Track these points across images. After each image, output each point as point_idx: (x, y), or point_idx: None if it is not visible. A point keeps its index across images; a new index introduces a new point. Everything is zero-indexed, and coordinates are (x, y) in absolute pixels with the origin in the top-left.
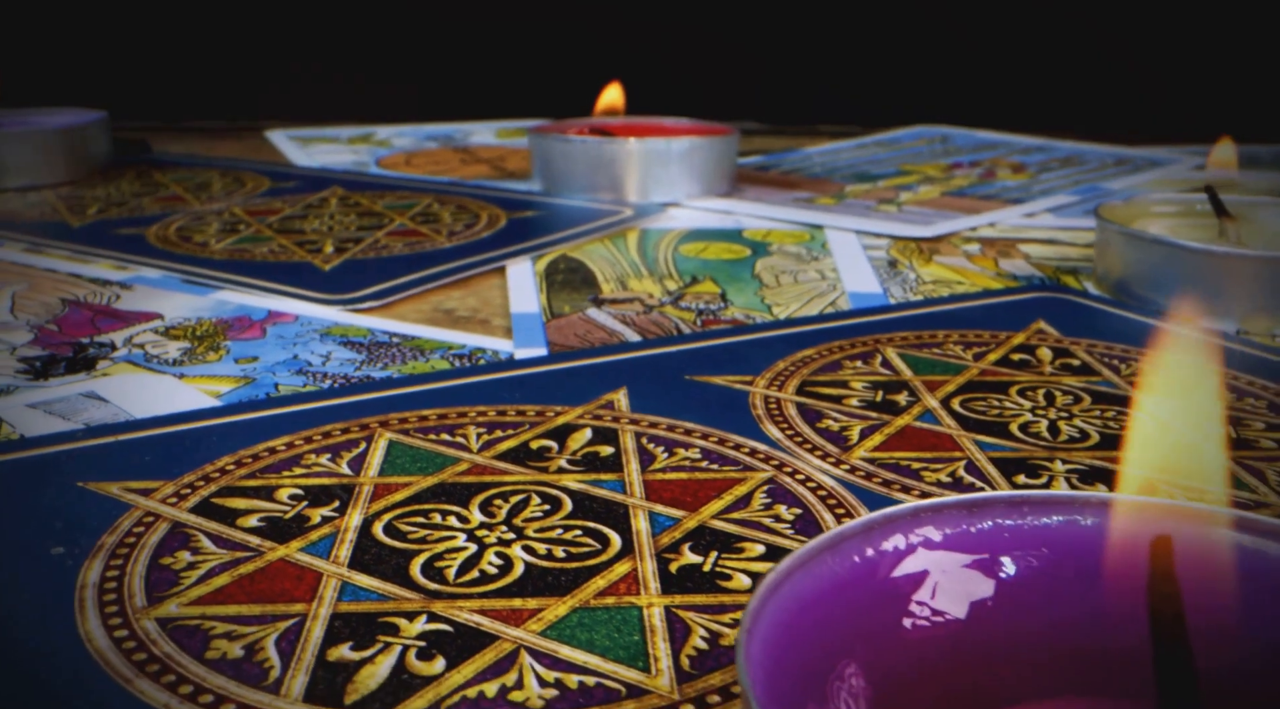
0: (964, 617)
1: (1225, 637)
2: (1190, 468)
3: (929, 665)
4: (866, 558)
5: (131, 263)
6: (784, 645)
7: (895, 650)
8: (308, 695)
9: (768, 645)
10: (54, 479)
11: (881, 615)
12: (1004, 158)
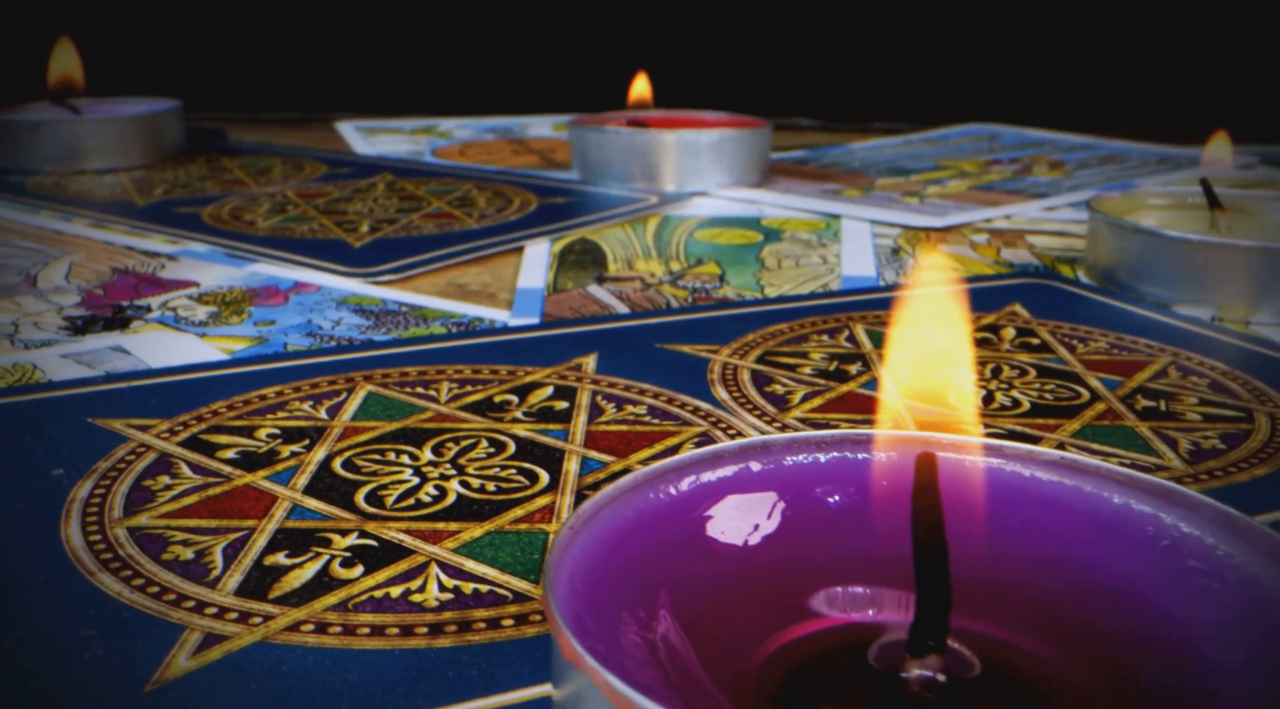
0: (757, 544)
1: (977, 544)
2: (944, 399)
3: (731, 591)
4: (671, 496)
5: (182, 237)
6: (594, 576)
7: (701, 579)
8: (238, 590)
9: (576, 576)
10: (67, 415)
11: (686, 547)
12: (1046, 155)
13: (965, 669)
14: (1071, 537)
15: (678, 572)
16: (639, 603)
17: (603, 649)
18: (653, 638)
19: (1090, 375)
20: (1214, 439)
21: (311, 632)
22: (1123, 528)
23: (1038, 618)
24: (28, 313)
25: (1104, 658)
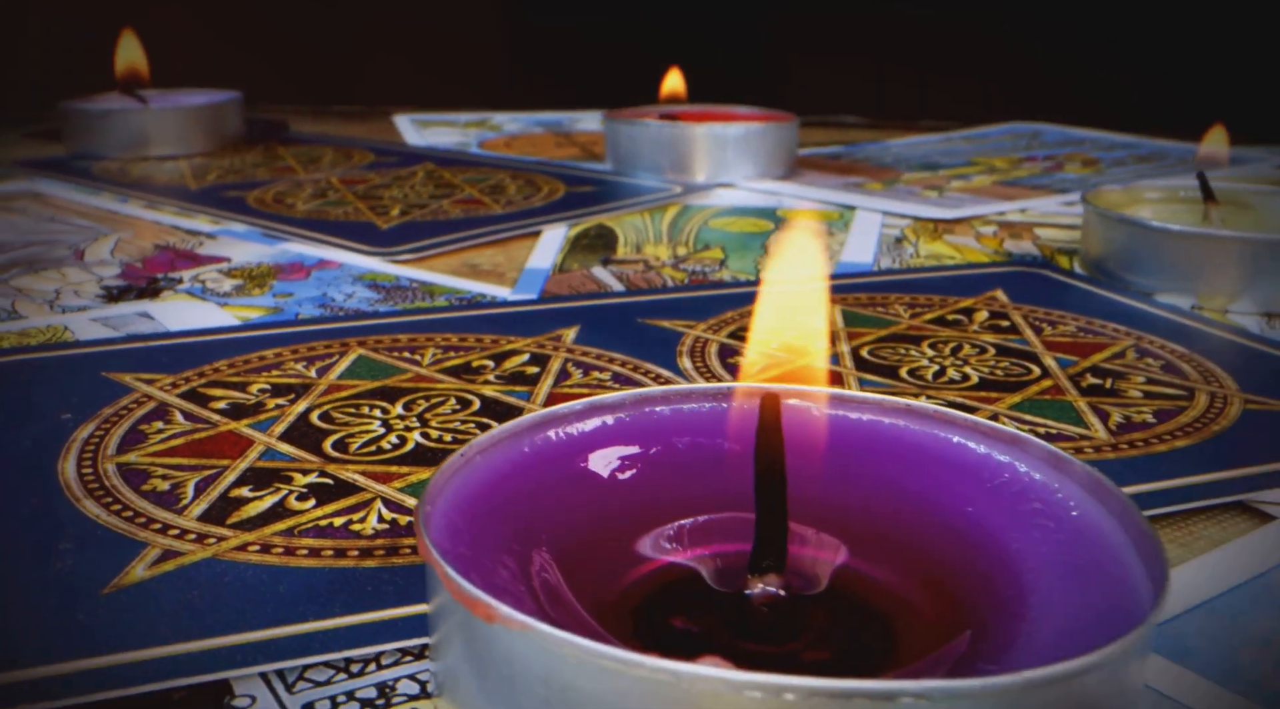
0: (626, 484)
1: (825, 481)
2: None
3: (600, 526)
4: (549, 441)
5: (224, 218)
6: (470, 509)
7: (572, 516)
8: (201, 517)
9: (450, 517)
10: (85, 369)
11: (560, 488)
12: (1083, 153)
13: (808, 587)
14: (914, 474)
15: (551, 509)
16: (513, 536)
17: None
18: (525, 565)
19: (1048, 355)
20: (1147, 414)
21: (256, 551)
22: (962, 466)
23: (880, 546)
24: (70, 282)
25: (936, 579)
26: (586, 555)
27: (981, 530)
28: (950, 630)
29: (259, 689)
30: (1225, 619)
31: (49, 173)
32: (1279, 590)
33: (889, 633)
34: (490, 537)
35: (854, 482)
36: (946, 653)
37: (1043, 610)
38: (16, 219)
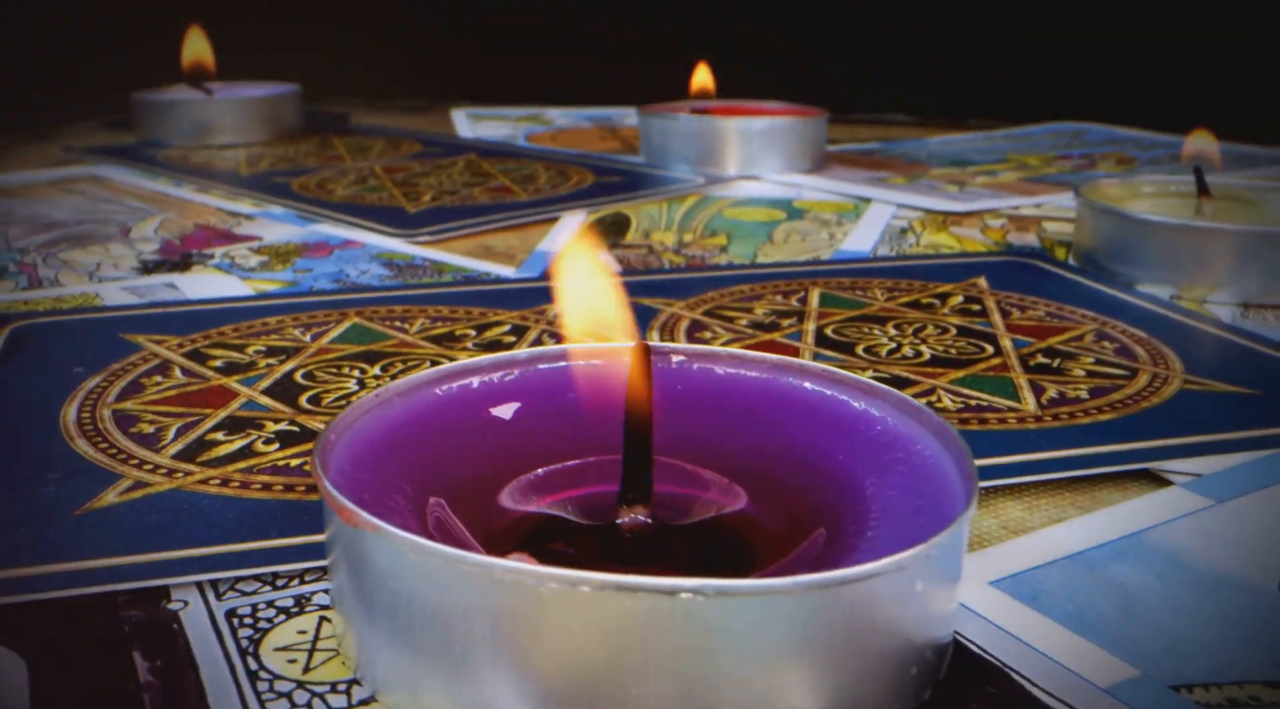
0: (514, 432)
1: (697, 424)
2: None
3: (488, 470)
4: (439, 395)
5: (266, 201)
6: (365, 453)
7: (462, 461)
8: (175, 455)
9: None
10: (105, 330)
11: (451, 435)
12: (1122, 152)
13: (675, 518)
14: (779, 420)
15: (449, 453)
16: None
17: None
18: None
19: (1006, 337)
20: (1082, 391)
21: (216, 485)
22: (820, 410)
23: (744, 484)
24: (112, 256)
25: (793, 509)
26: (478, 494)
27: (837, 466)
28: (803, 553)
29: (193, 596)
30: (1088, 570)
31: (115, 159)
32: (1148, 547)
33: (748, 556)
34: (390, 471)
35: (726, 429)
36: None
37: (883, 531)
38: (75, 199)
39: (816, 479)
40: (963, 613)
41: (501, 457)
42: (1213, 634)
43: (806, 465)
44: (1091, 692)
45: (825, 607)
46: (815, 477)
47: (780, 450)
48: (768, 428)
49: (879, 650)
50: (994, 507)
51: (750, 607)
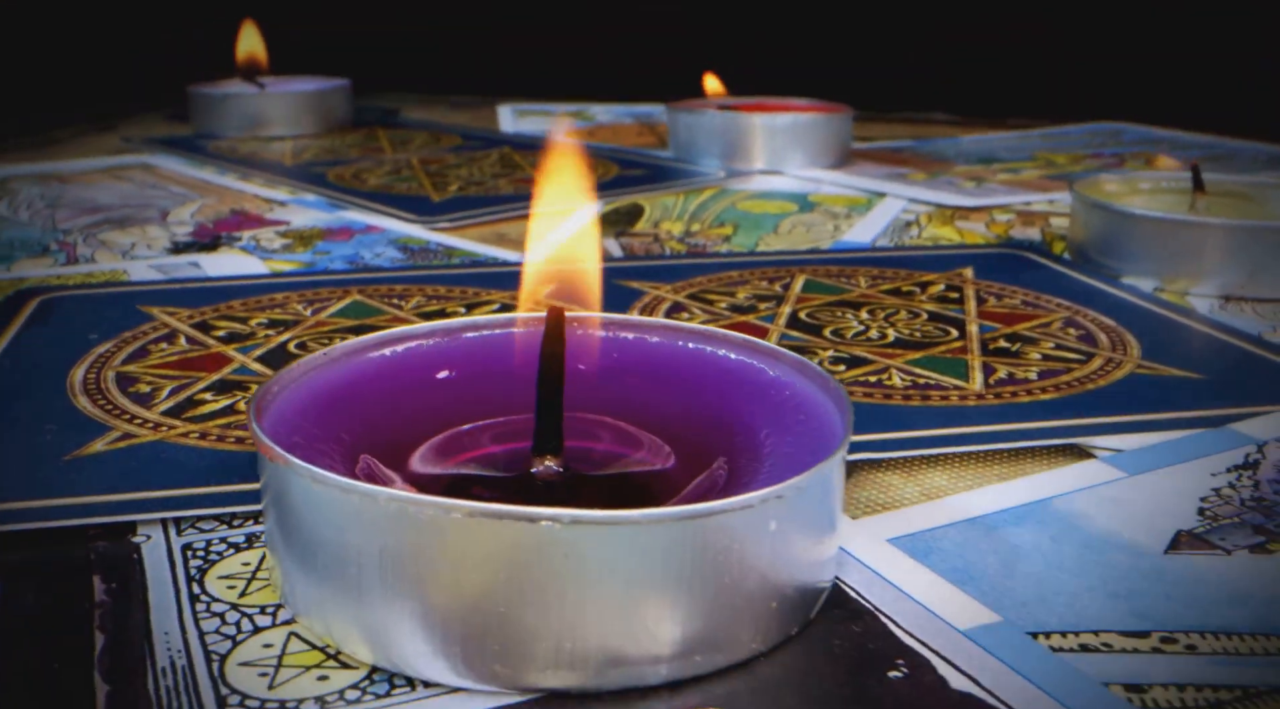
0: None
1: (610, 385)
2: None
3: (415, 428)
4: (383, 358)
5: (301, 189)
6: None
7: (392, 419)
8: (164, 412)
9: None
10: (125, 303)
11: (382, 396)
12: (1156, 152)
13: (588, 468)
14: (681, 378)
15: (380, 414)
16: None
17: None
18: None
19: (974, 323)
20: (1032, 372)
21: (195, 438)
22: (738, 376)
23: (652, 433)
24: (147, 237)
25: (704, 463)
26: (406, 448)
27: (744, 425)
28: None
29: (156, 532)
30: (985, 532)
31: (169, 148)
32: (1050, 513)
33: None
34: (331, 424)
35: (653, 393)
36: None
37: (770, 480)
38: (123, 186)
39: (727, 436)
40: (851, 563)
41: (435, 416)
42: (1084, 589)
43: (719, 424)
44: (950, 634)
45: (677, 539)
46: (726, 434)
47: (697, 411)
48: (689, 391)
49: (732, 583)
50: (918, 475)
51: (604, 535)
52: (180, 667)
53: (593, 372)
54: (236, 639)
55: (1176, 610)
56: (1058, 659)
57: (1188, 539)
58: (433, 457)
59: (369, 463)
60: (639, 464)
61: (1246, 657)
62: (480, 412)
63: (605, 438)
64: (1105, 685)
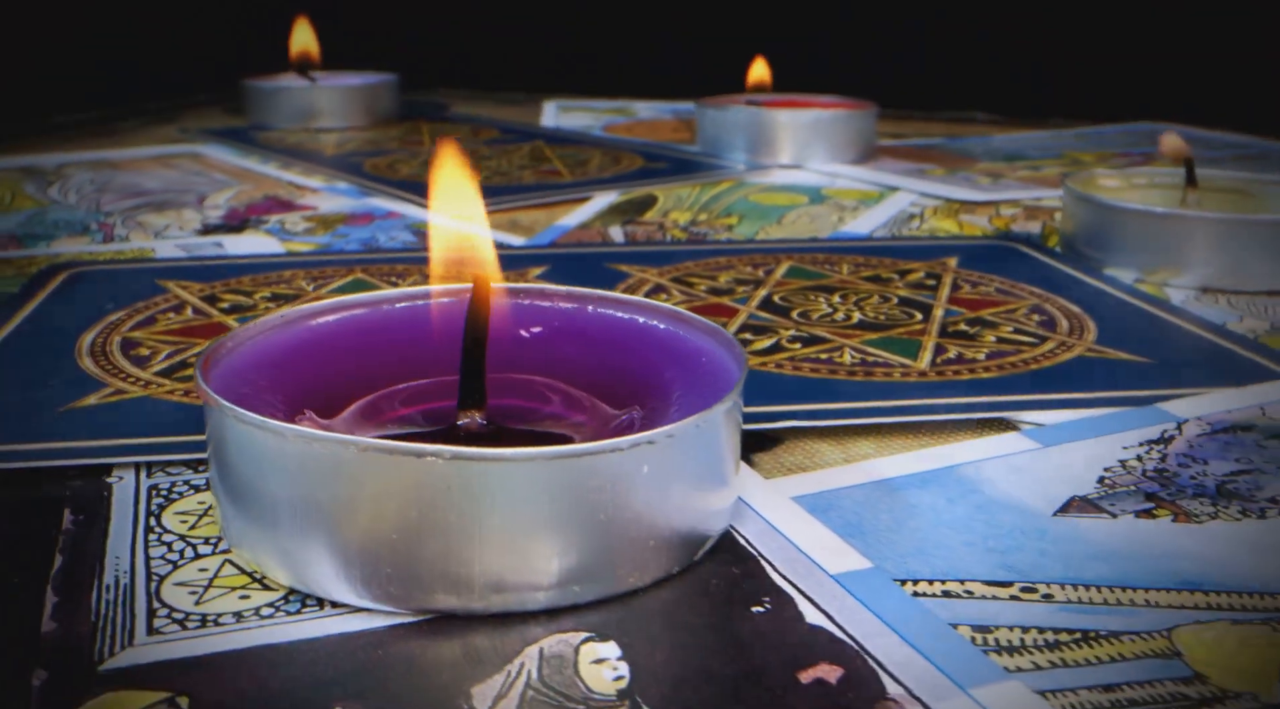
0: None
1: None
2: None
3: (351, 388)
4: (312, 326)
5: (336, 177)
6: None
7: (330, 381)
8: (157, 373)
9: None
10: (143, 277)
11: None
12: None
13: (511, 421)
14: (602, 341)
15: (318, 373)
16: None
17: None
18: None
19: (940, 307)
20: (980, 354)
21: (180, 395)
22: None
23: (575, 388)
24: (181, 220)
25: (613, 411)
26: (345, 405)
27: (662, 382)
28: None
29: (129, 474)
30: (888, 493)
31: (221, 139)
32: (955, 478)
33: None
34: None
35: (563, 352)
36: None
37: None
38: (170, 173)
39: (645, 394)
40: (750, 516)
41: (375, 377)
42: (963, 544)
43: (638, 383)
44: (820, 577)
45: (552, 477)
46: (644, 392)
47: (619, 372)
48: (612, 355)
49: (607, 521)
50: (847, 444)
51: (483, 471)
52: (123, 585)
53: (524, 337)
54: (178, 564)
55: (1044, 564)
56: (914, 602)
57: (1079, 504)
58: (369, 412)
59: (310, 417)
60: (558, 419)
61: (1095, 606)
62: (416, 372)
63: (531, 396)
64: (953, 626)
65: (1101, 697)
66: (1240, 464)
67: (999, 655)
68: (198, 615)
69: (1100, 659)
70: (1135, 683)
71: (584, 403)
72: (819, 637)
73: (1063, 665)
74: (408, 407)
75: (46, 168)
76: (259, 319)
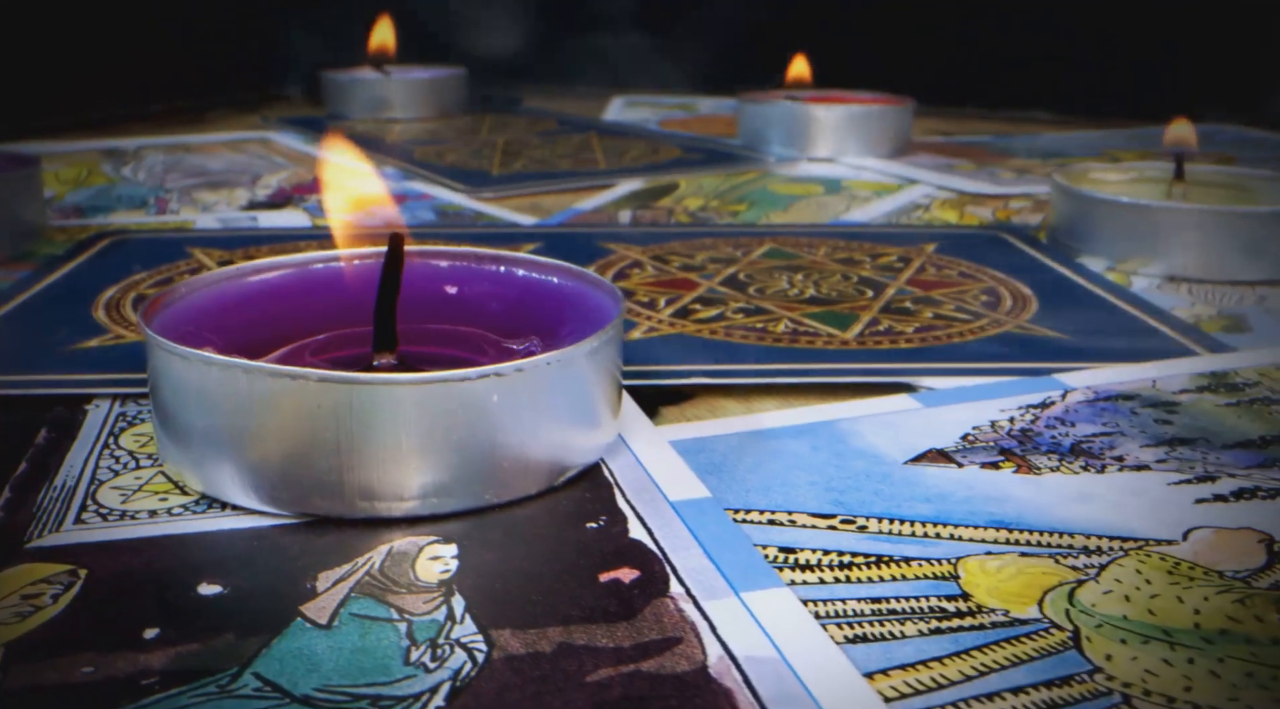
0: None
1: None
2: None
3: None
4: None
5: (386, 162)
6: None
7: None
8: None
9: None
10: (177, 245)
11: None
12: (1224, 152)
13: (420, 364)
14: (508, 293)
15: (253, 321)
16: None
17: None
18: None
19: (894, 286)
20: (909, 328)
21: None
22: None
23: (482, 334)
24: (231, 197)
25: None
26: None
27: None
28: None
29: (106, 403)
30: (760, 440)
31: (293, 127)
32: (829, 430)
33: None
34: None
35: (476, 303)
36: None
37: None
38: (236, 156)
39: (549, 340)
40: (624, 453)
41: (309, 327)
42: (806, 483)
43: (547, 330)
44: (658, 502)
45: (411, 400)
46: (550, 339)
47: (524, 319)
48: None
49: (461, 443)
50: (752, 401)
51: (348, 392)
52: (68, 487)
53: (447, 293)
54: (119, 473)
55: (872, 502)
56: (733, 526)
57: (933, 455)
58: (294, 356)
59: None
60: (467, 362)
61: (903, 537)
62: (345, 323)
63: (448, 342)
64: (759, 546)
65: (864, 605)
66: (1105, 428)
67: (788, 571)
68: (120, 511)
69: (881, 578)
70: (902, 597)
71: (491, 346)
72: (634, 548)
73: (845, 582)
74: (332, 351)
75: (127, 149)
76: (211, 271)
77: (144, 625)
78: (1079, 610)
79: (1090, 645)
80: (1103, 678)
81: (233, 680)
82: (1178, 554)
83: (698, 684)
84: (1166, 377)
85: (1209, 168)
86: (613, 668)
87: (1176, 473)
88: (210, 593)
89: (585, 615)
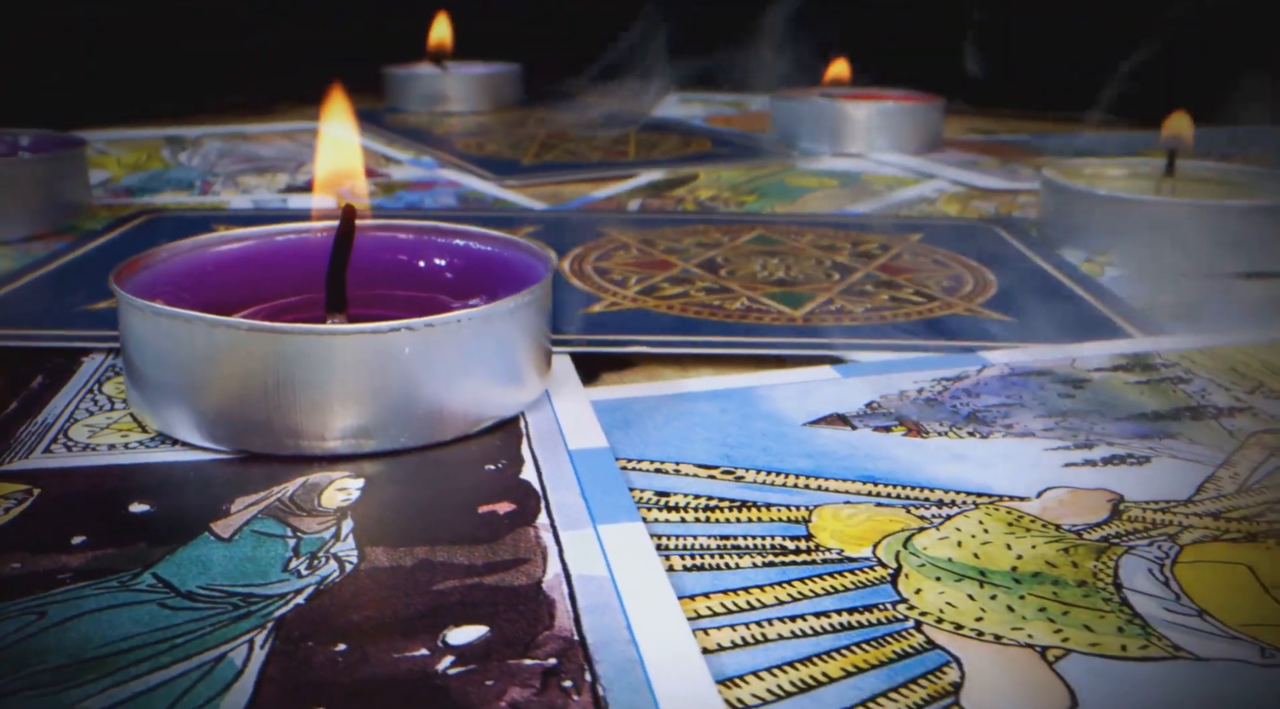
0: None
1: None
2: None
3: (256, 296)
4: (223, 250)
5: (425, 152)
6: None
7: (236, 295)
8: None
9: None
10: (206, 224)
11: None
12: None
13: None
14: (469, 268)
15: (223, 285)
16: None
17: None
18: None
19: (865, 270)
20: (860, 309)
21: None
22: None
23: (430, 299)
24: (271, 182)
25: None
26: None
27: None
28: None
29: (101, 357)
30: (678, 404)
31: None
32: (745, 395)
33: None
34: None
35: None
36: None
37: None
38: (288, 145)
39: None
40: (544, 409)
41: (276, 291)
42: (704, 440)
43: (489, 294)
44: (558, 450)
45: (332, 349)
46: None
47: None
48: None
49: (377, 389)
50: (690, 370)
51: (278, 341)
52: (46, 424)
53: (399, 260)
54: (93, 413)
55: (756, 457)
56: (616, 472)
57: (832, 419)
58: (264, 315)
59: None
60: None
61: (774, 487)
62: (315, 287)
63: (400, 306)
64: (636, 491)
65: (712, 541)
66: (1007, 399)
67: (655, 511)
68: (83, 444)
69: (738, 520)
70: (747, 536)
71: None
72: (520, 487)
73: (703, 522)
74: (300, 312)
75: (188, 137)
76: (191, 239)
77: (74, 534)
78: (909, 552)
79: (906, 581)
80: (905, 607)
81: (134, 578)
82: (1026, 510)
83: (529, 595)
84: (1088, 356)
85: (1203, 164)
86: (459, 580)
87: (1057, 440)
88: (139, 511)
89: (452, 539)
